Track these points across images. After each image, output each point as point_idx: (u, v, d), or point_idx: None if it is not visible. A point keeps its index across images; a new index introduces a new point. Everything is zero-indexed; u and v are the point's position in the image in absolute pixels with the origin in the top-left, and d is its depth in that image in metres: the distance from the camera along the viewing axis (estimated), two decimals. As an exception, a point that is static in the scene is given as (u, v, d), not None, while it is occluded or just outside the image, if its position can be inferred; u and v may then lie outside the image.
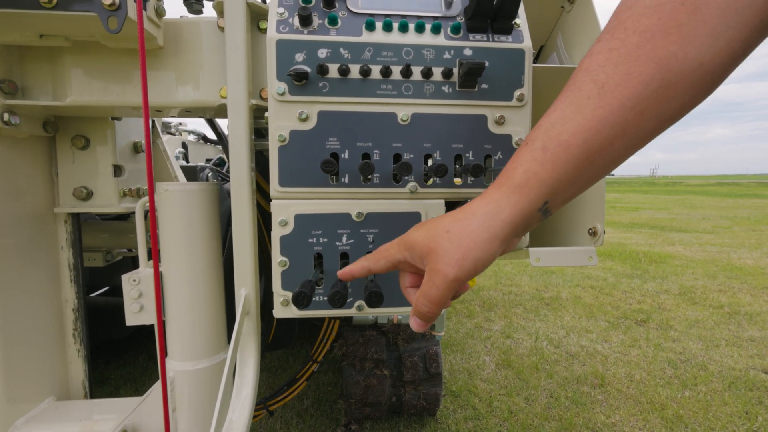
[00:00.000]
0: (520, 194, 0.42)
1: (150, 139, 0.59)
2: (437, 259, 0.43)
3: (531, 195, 0.42)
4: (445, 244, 0.43)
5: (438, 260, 0.43)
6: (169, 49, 0.77)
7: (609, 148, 0.40)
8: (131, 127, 1.01)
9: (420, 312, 0.45)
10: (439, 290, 0.43)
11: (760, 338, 2.85)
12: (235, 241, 0.72)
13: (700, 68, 0.38)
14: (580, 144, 0.40)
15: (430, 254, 0.43)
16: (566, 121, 0.41)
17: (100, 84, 0.78)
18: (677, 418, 1.95)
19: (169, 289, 0.81)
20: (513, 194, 0.42)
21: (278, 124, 0.66)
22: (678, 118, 0.41)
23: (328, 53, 0.66)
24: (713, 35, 0.37)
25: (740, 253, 5.64)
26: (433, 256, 0.43)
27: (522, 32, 0.70)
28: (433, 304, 0.44)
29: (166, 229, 0.80)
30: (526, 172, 0.42)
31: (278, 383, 2.28)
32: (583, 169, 0.41)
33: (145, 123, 0.56)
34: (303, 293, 0.52)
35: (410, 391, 1.78)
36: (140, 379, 2.30)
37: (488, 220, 0.42)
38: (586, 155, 0.40)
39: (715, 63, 0.38)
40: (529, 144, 0.43)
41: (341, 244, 0.68)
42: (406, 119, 0.68)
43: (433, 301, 0.44)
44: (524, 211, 0.42)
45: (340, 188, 0.68)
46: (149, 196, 0.58)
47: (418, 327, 0.48)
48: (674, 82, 0.38)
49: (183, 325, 0.81)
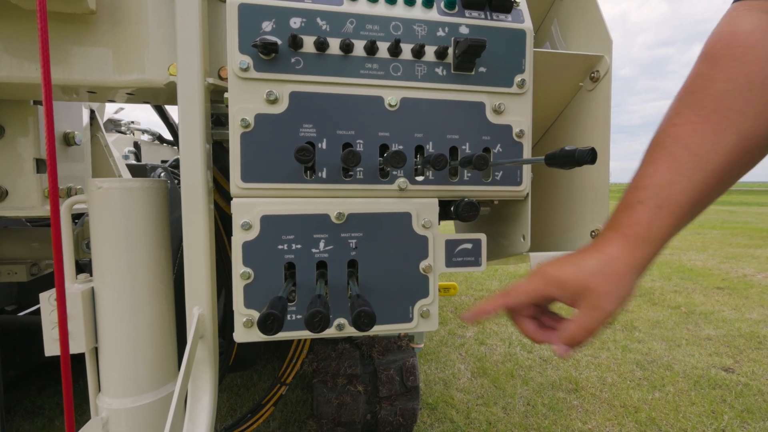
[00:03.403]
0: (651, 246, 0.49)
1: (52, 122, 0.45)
2: (597, 296, 0.49)
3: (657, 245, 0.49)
4: (603, 284, 0.49)
5: (598, 298, 0.49)
6: (104, 15, 0.63)
7: (707, 200, 0.50)
8: (61, 114, 0.85)
9: (577, 342, 0.51)
10: (600, 323, 0.49)
11: (716, 336, 2.99)
12: (186, 250, 0.59)
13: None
14: (688, 201, 0.49)
15: (588, 292, 0.49)
16: (672, 185, 0.49)
17: (12, 57, 0.63)
18: (650, 420, 1.96)
19: (103, 309, 0.66)
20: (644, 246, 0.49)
21: (241, 106, 0.54)
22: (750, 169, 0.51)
23: (302, 23, 0.55)
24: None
25: (689, 255, 6.00)
26: (591, 294, 0.49)
27: (522, 12, 0.63)
28: (590, 335, 0.50)
29: (99, 235, 0.65)
30: (650, 227, 0.49)
31: (241, 405, 2.09)
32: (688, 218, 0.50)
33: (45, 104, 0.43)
34: (272, 316, 0.40)
35: (386, 408, 1.67)
36: (81, 406, 2.03)
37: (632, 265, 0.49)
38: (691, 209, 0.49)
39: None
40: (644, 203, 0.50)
41: (318, 251, 0.57)
42: (394, 104, 0.58)
43: (592, 332, 0.50)
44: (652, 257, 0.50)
45: (316, 184, 0.57)
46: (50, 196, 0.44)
47: (567, 354, 0.53)
48: (751, 151, 0.48)
49: (120, 352, 0.67)
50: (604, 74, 0.69)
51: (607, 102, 0.69)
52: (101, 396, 0.68)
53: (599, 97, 0.71)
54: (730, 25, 0.49)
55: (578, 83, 0.74)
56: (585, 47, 0.75)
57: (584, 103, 0.74)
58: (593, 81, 0.70)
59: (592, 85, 0.71)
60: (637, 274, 0.50)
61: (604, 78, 0.69)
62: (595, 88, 0.71)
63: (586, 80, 0.72)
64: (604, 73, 0.69)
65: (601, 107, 0.70)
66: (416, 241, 0.60)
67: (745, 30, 0.48)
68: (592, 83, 0.71)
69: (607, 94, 0.69)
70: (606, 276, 0.49)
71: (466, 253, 0.63)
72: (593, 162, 0.40)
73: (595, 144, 0.68)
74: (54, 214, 0.45)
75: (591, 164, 0.41)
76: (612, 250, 0.50)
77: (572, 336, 0.51)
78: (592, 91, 0.72)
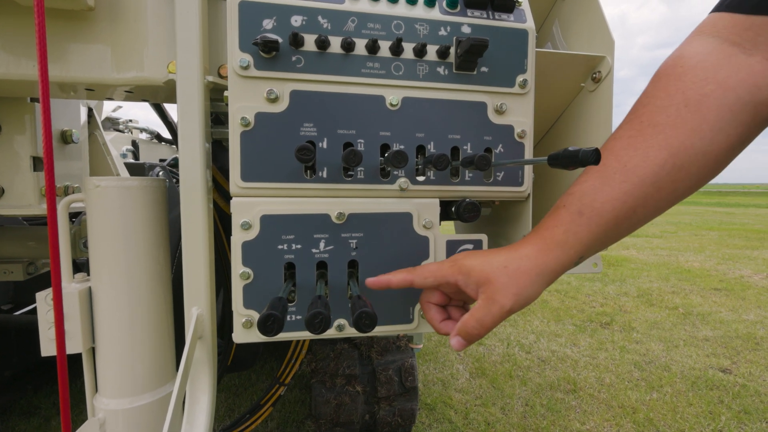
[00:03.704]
0: (562, 250, 0.49)
1: (50, 119, 0.44)
2: (495, 290, 0.48)
3: (571, 252, 0.49)
4: (503, 278, 0.48)
5: (496, 291, 0.48)
6: (103, 12, 0.63)
7: (632, 215, 0.49)
8: (59, 112, 0.84)
9: (470, 334, 0.49)
10: (494, 318, 0.48)
11: (713, 338, 2.99)
12: (184, 249, 0.59)
13: (705, 156, 0.47)
14: (610, 210, 0.48)
15: (488, 284, 0.48)
16: (597, 191, 0.49)
17: (9, 54, 0.62)
18: (648, 421, 1.96)
19: (101, 308, 0.66)
20: (556, 249, 0.49)
21: (241, 105, 0.54)
22: (689, 193, 0.50)
23: (303, 21, 0.55)
24: (714, 130, 0.46)
25: (687, 256, 6.02)
26: (490, 286, 0.48)
27: (524, 11, 0.62)
28: (483, 329, 0.49)
29: (97, 234, 0.65)
30: (567, 232, 0.49)
31: (239, 405, 2.09)
32: (611, 231, 0.50)
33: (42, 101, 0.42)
34: (272, 317, 0.40)
35: (385, 408, 1.67)
36: (77, 406, 2.02)
37: (539, 265, 0.49)
38: (614, 220, 0.49)
39: (717, 152, 0.47)
40: (567, 207, 0.51)
41: (318, 252, 0.57)
42: (395, 104, 0.58)
43: (486, 326, 0.48)
44: (564, 264, 0.50)
45: (316, 184, 0.56)
46: (47, 194, 0.43)
47: (460, 346, 0.51)
48: (684, 166, 0.47)
49: (118, 352, 0.66)
50: (605, 75, 0.69)
51: (609, 103, 0.69)
52: (98, 396, 0.67)
53: (601, 98, 0.70)
54: (679, 49, 0.51)
55: (580, 84, 0.73)
56: (586, 48, 0.74)
57: (586, 103, 0.74)
58: (595, 82, 0.70)
59: (594, 86, 0.71)
60: (543, 277, 0.49)
61: (605, 79, 0.69)
62: (596, 88, 0.70)
63: (587, 81, 0.72)
64: (605, 74, 0.69)
65: (603, 108, 0.70)
66: (417, 241, 0.59)
67: (690, 52, 0.49)
68: (594, 84, 0.71)
69: (608, 95, 0.69)
70: (509, 271, 0.48)
71: (467, 254, 0.62)
72: (597, 163, 0.39)
73: (596, 145, 0.67)
74: (51, 213, 0.45)
75: (595, 165, 0.40)
76: (525, 249, 0.50)
77: (465, 326, 0.50)
78: (594, 91, 0.71)
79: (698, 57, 0.48)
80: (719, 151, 0.47)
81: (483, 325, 0.48)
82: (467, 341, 0.50)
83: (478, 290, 0.49)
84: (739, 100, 0.46)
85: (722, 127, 0.46)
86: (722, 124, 0.46)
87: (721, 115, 0.46)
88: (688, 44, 0.51)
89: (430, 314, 0.55)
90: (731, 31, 0.47)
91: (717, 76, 0.47)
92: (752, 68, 0.46)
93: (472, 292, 0.50)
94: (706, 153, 0.47)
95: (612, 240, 0.51)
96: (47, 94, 0.41)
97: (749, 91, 0.46)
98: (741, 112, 0.46)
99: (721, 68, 0.47)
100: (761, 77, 0.46)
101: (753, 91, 0.46)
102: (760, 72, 0.46)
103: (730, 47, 0.47)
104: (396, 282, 0.53)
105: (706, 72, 0.47)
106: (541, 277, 0.48)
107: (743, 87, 0.46)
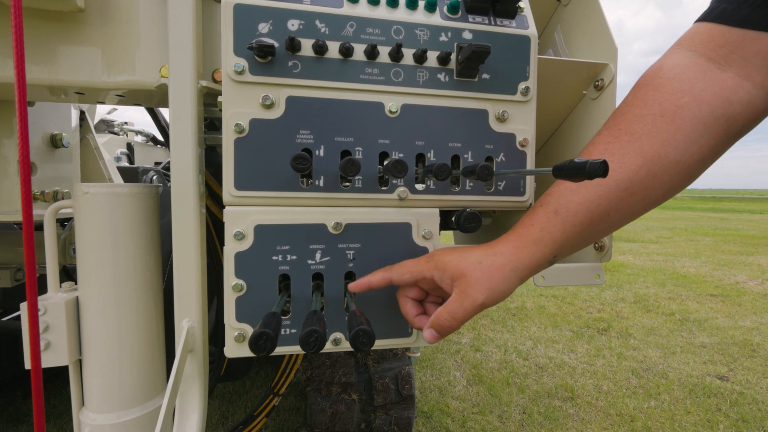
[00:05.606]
0: (536, 247, 0.50)
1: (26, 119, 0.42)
2: (468, 284, 0.48)
3: (545, 250, 0.50)
4: (477, 273, 0.48)
5: (469, 285, 0.48)
6: (94, 14, 0.61)
7: (606, 218, 0.51)
8: (48, 115, 0.82)
9: (442, 326, 0.50)
10: (466, 311, 0.48)
11: (710, 344, 2.99)
12: (175, 259, 0.57)
13: (677, 165, 0.49)
14: (584, 212, 0.50)
15: (462, 278, 0.49)
16: (573, 192, 0.51)
17: (-3, 55, 0.60)
18: (646, 430, 1.95)
19: (88, 319, 0.63)
20: (531, 246, 0.50)
21: (235, 111, 0.52)
22: (662, 201, 0.52)
23: (300, 25, 0.53)
24: (687, 141, 0.48)
25: (683, 261, 6.03)
26: (464, 280, 0.49)
27: (527, 17, 0.61)
28: (456, 322, 0.49)
29: (85, 242, 0.62)
30: (542, 230, 0.50)
31: (233, 412, 2.05)
32: (586, 232, 0.51)
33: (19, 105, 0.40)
34: (265, 335, 0.38)
35: (381, 417, 1.64)
36: (66, 414, 1.98)
37: (513, 261, 0.50)
38: (588, 222, 0.50)
39: (690, 162, 0.49)
40: (544, 206, 0.52)
41: (314, 263, 0.55)
42: (395, 111, 0.56)
43: (458, 319, 0.49)
44: (539, 261, 0.51)
45: (313, 193, 0.55)
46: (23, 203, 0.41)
47: (433, 339, 0.52)
48: (658, 174, 0.49)
49: (105, 365, 0.64)
50: (608, 82, 0.67)
51: (612, 111, 0.67)
52: (84, 411, 0.65)
53: (603, 106, 0.69)
54: (660, 61, 0.53)
55: (582, 91, 0.72)
56: (588, 55, 0.73)
57: (588, 111, 0.73)
58: (597, 89, 0.69)
59: (596, 94, 0.70)
60: (517, 273, 0.49)
61: (608, 86, 0.68)
62: (599, 96, 0.69)
63: (590, 88, 0.71)
64: (608, 82, 0.67)
65: (606, 116, 0.69)
66: (416, 252, 0.58)
67: (669, 64, 0.52)
68: (596, 92, 0.69)
69: (611, 102, 0.67)
70: (483, 266, 0.49)
71: (468, 265, 0.60)
72: (605, 175, 0.38)
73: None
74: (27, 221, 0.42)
75: (602, 178, 0.39)
76: (500, 246, 0.51)
77: (438, 319, 0.50)
78: (596, 99, 0.70)
79: (676, 70, 0.50)
80: (692, 161, 0.49)
81: (455, 317, 0.49)
82: (440, 334, 0.51)
83: (452, 285, 0.50)
84: (712, 113, 0.48)
85: (695, 138, 0.48)
86: (695, 136, 0.48)
87: (695, 127, 0.48)
88: (668, 57, 0.53)
89: (405, 308, 0.56)
90: (707, 47, 0.50)
91: (693, 89, 0.49)
92: (725, 83, 0.48)
93: (447, 287, 0.51)
94: (678, 162, 0.49)
95: (586, 241, 0.53)
96: (24, 97, 0.39)
97: (722, 105, 0.48)
98: (713, 125, 0.48)
99: (696, 82, 0.49)
100: (733, 92, 0.48)
101: (725, 105, 0.48)
102: (732, 87, 0.48)
103: (706, 62, 0.49)
104: (376, 282, 0.53)
105: (682, 84, 0.49)
106: (515, 273, 0.49)
107: (716, 101, 0.48)
